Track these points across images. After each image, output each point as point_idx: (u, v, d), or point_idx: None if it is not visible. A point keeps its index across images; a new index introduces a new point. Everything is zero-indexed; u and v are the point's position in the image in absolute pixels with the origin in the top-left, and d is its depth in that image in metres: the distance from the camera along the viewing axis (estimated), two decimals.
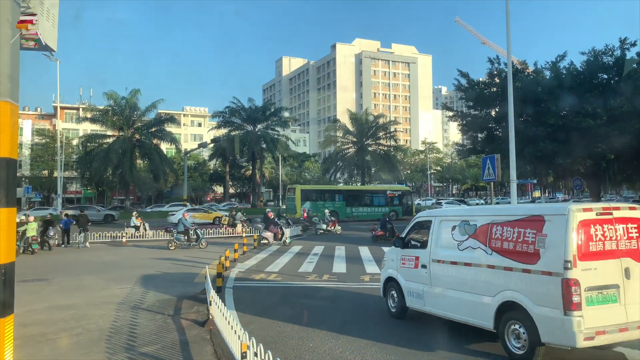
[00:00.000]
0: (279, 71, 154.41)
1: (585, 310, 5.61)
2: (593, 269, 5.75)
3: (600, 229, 5.93)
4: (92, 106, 57.64)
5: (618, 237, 6.00)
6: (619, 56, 23.53)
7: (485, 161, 16.47)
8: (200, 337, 7.41)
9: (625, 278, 5.88)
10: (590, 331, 5.55)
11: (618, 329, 5.71)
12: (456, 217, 7.68)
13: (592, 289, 5.71)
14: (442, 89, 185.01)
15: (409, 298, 8.11)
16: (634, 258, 6.01)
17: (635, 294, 5.90)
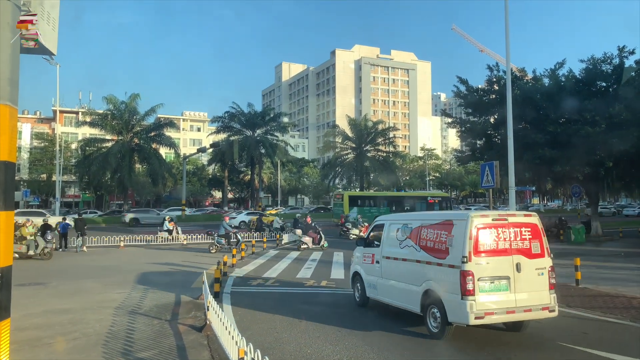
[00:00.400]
0: (279, 76, 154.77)
1: (477, 295, 7.03)
2: (486, 263, 7.21)
3: (495, 231, 7.40)
4: (92, 110, 57.60)
5: (511, 239, 7.45)
6: (617, 64, 23.62)
7: (484, 168, 16.49)
8: (197, 343, 7.37)
9: (517, 271, 7.32)
10: (481, 312, 6.98)
11: (506, 311, 7.15)
12: (400, 221, 9.18)
13: (484, 279, 7.15)
14: (441, 96, 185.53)
15: (368, 289, 9.68)
16: (525, 255, 7.45)
17: (524, 284, 7.31)
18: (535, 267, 7.51)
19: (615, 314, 9.24)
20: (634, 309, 9.45)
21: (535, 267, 7.50)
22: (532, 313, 7.35)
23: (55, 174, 54.35)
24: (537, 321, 8.38)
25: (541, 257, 7.58)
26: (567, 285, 11.88)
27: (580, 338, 7.61)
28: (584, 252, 18.95)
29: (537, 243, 7.63)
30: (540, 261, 7.57)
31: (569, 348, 7.06)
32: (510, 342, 7.39)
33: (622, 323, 8.66)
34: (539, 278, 7.49)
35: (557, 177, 27.15)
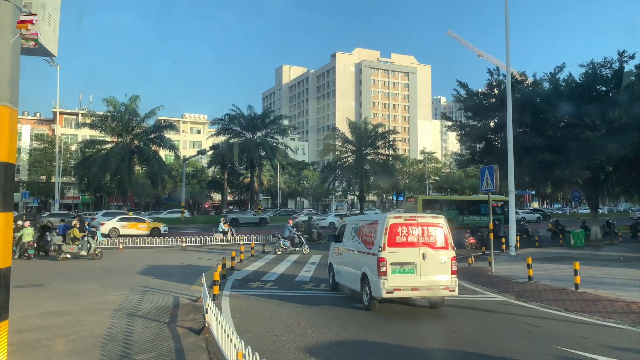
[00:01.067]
0: (279, 79, 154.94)
1: (389, 276, 9.35)
2: (397, 252, 9.50)
3: (406, 228, 9.67)
4: (92, 112, 57.61)
5: (419, 234, 9.70)
6: (617, 68, 23.65)
7: (484, 172, 16.46)
8: (196, 345, 7.36)
9: (422, 259, 9.54)
10: (391, 288, 9.30)
11: (411, 288, 9.43)
12: (354, 221, 11.87)
13: (395, 264, 9.43)
14: (441, 99, 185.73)
15: (336, 276, 12.09)
16: (430, 247, 9.67)
17: (429, 269, 9.52)
18: (439, 257, 9.68)
19: (614, 319, 9.23)
20: (634, 314, 9.43)
21: (438, 257, 9.68)
22: (434, 291, 9.57)
23: (54, 175, 54.35)
24: (536, 326, 8.64)
25: (445, 249, 9.76)
26: (566, 289, 11.88)
27: (580, 342, 7.60)
28: (583, 257, 18.94)
29: (442, 238, 9.83)
30: (444, 252, 9.74)
31: (569, 352, 7.05)
32: (509, 349, 7.38)
33: (622, 327, 8.65)
34: (442, 265, 9.63)
35: (556, 181, 27.13)
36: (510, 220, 21.38)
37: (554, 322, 9.16)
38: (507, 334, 8.14)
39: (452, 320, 9.28)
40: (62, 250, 19.20)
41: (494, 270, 15.39)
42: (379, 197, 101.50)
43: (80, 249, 19.26)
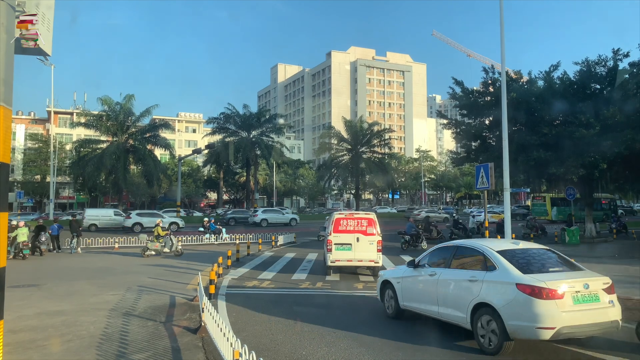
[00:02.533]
0: (274, 78, 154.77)
1: (333, 252, 14.32)
2: (339, 236, 14.38)
3: (346, 221, 14.54)
4: (86, 111, 57.31)
5: (355, 225, 14.52)
6: (611, 66, 23.73)
7: (479, 170, 16.54)
8: (192, 345, 7.35)
9: (356, 242, 14.37)
10: (334, 260, 14.31)
11: (347, 260, 14.27)
12: (330, 217, 15.79)
13: (337, 244, 14.35)
14: (436, 97, 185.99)
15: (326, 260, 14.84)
16: (362, 234, 14.42)
17: (361, 248, 14.30)
18: (368, 240, 14.34)
19: None
20: (628, 310, 9.48)
21: (368, 240, 14.34)
22: (363, 262, 14.45)
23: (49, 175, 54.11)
24: None
25: (373, 235, 14.39)
26: None
27: (575, 339, 7.63)
28: (578, 254, 19.02)
29: (372, 228, 14.53)
30: (372, 237, 14.39)
31: (563, 349, 7.10)
32: None
33: None
34: (370, 245, 14.31)
35: (551, 179, 27.22)
36: (505, 218, 21.40)
37: None
38: None
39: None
40: (147, 247, 20.25)
41: None
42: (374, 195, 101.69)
43: (163, 247, 20.24)
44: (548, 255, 7.68)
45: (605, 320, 6.73)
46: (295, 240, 27.37)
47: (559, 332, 6.40)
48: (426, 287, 8.40)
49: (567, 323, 6.43)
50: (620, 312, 6.98)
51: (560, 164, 22.56)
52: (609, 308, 6.79)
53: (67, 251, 22.31)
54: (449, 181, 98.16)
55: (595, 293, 6.78)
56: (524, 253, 7.62)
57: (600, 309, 6.71)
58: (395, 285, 9.15)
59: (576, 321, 6.49)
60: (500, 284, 6.97)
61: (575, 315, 6.50)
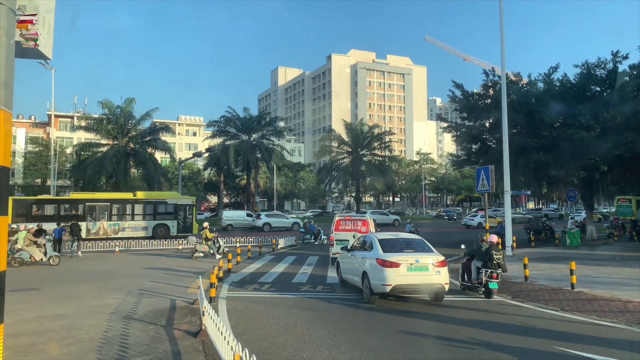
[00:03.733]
0: (275, 81, 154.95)
1: (335, 246, 17.83)
2: (339, 234, 18.07)
3: (345, 222, 18.38)
4: (87, 114, 57.34)
5: (352, 225, 18.18)
6: (611, 69, 23.74)
7: (480, 172, 16.54)
8: (192, 348, 7.34)
9: (353, 238, 16.67)
10: (334, 253, 17.26)
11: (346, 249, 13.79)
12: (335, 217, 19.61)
13: (337, 240, 17.91)
14: (436, 100, 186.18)
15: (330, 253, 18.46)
16: (358, 232, 17.45)
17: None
18: None
19: (610, 318, 9.27)
20: (629, 313, 9.47)
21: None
22: None
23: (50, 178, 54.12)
24: (532, 325, 8.77)
25: (367, 233, 16.05)
26: (562, 289, 11.91)
27: (576, 341, 7.63)
28: (579, 256, 19.00)
29: (365, 227, 17.86)
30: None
31: (564, 352, 7.08)
32: (505, 349, 7.39)
33: (618, 327, 8.68)
34: None
35: (552, 181, 27.21)
36: (506, 220, 21.43)
37: (551, 321, 9.18)
38: (503, 334, 8.15)
39: (448, 320, 9.29)
40: (196, 249, 20.65)
41: None
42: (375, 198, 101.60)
43: (211, 249, 20.63)
44: (415, 243, 11.55)
45: (429, 283, 10.46)
46: (297, 243, 27.36)
47: (394, 287, 10.22)
48: (350, 264, 12.63)
49: (400, 282, 10.23)
50: (445, 279, 10.55)
51: (561, 167, 22.54)
52: (434, 275, 10.43)
53: (68, 255, 22.29)
54: (450, 184, 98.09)
55: (426, 265, 10.42)
56: (395, 241, 11.60)
57: (426, 275, 10.39)
58: (339, 264, 13.81)
59: (407, 281, 10.29)
60: (371, 258, 10.93)
61: (407, 278, 10.28)
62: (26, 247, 18.45)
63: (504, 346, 7.41)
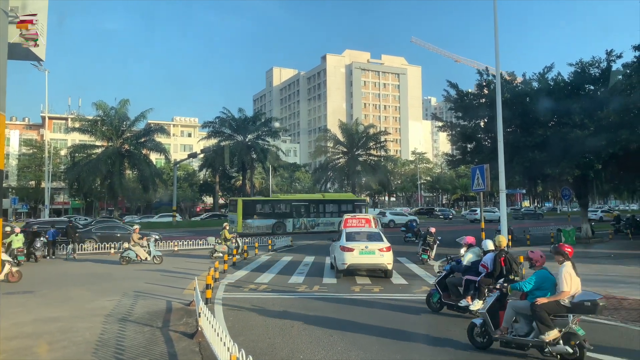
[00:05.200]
0: (270, 81, 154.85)
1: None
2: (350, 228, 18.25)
3: (353, 220, 20.59)
4: (81, 116, 57.19)
5: (357, 222, 20.32)
6: (605, 67, 23.87)
7: (475, 171, 16.56)
8: (189, 350, 7.32)
9: None
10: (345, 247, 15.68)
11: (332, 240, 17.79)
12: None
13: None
14: (431, 100, 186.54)
15: None
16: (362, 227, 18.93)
17: None
18: None
19: (605, 316, 9.30)
20: (625, 310, 9.52)
21: None
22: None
23: (44, 180, 53.85)
24: None
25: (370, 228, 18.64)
26: None
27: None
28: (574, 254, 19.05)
29: (367, 224, 19.98)
30: None
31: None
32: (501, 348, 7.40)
33: (613, 324, 8.72)
34: None
35: (547, 180, 27.33)
36: (501, 219, 21.48)
37: None
38: None
39: (445, 321, 9.30)
40: (215, 250, 20.60)
41: None
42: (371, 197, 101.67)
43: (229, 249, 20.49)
44: (372, 235, 15.53)
45: (375, 262, 14.39)
46: (292, 244, 27.33)
47: (349, 265, 14.29)
48: (332, 251, 16.55)
49: (353, 262, 14.30)
50: (388, 260, 14.35)
51: (556, 165, 22.64)
52: (379, 257, 14.28)
53: (63, 257, 22.19)
54: (445, 183, 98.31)
55: (373, 250, 14.37)
56: (357, 233, 15.78)
57: (373, 257, 14.32)
58: (330, 251, 17.19)
59: (358, 261, 14.32)
60: (337, 245, 15.14)
61: (358, 259, 14.31)
62: (132, 246, 19.18)
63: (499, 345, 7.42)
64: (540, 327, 6.47)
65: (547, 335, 6.41)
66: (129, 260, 19.05)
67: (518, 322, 6.88)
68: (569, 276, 6.62)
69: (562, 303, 6.49)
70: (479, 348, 7.26)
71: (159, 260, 19.19)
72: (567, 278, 6.58)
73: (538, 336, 6.52)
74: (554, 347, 6.48)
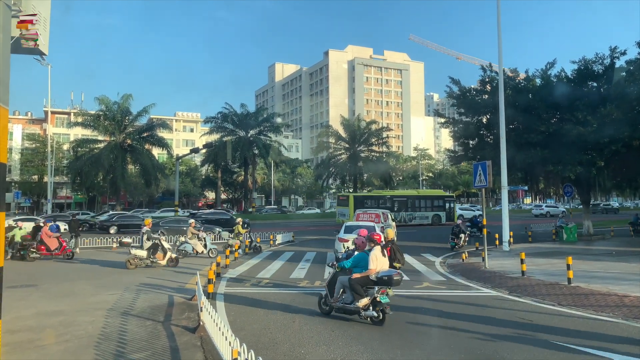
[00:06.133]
0: (272, 77, 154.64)
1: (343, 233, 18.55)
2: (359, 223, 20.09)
3: (363, 214, 24.92)
4: (84, 111, 57.24)
5: (368, 216, 23.96)
6: (608, 64, 23.78)
7: (477, 168, 16.53)
8: (191, 344, 7.35)
9: None
10: None
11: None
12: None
13: None
14: (434, 96, 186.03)
15: None
16: (372, 222, 21.19)
17: None
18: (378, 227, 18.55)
19: (607, 312, 9.31)
20: (626, 307, 9.52)
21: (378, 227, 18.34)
22: None
23: (46, 175, 53.99)
24: (529, 320, 8.86)
25: (377, 223, 21.04)
26: (559, 283, 11.96)
27: (573, 336, 7.67)
28: (576, 251, 19.09)
29: (377, 218, 23.08)
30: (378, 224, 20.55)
31: (561, 346, 7.12)
32: (502, 344, 7.43)
33: (614, 321, 8.73)
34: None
35: (549, 177, 27.30)
36: (503, 216, 21.49)
37: (547, 316, 9.23)
38: (500, 329, 8.19)
39: (446, 315, 9.32)
40: (229, 245, 20.60)
41: (487, 266, 15.47)
42: None
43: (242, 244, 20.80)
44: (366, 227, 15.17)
45: None
46: (294, 239, 27.37)
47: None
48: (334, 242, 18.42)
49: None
50: None
51: (558, 162, 22.60)
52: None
53: None
54: (447, 179, 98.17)
55: None
56: (355, 227, 17.59)
57: None
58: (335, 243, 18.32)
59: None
60: (337, 237, 17.93)
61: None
62: (189, 240, 19.67)
63: (501, 341, 7.45)
64: (355, 296, 8.42)
65: (360, 302, 8.33)
66: (186, 254, 19.40)
67: (345, 292, 8.74)
68: (375, 257, 8.54)
69: (370, 278, 8.44)
70: (324, 314, 9.07)
71: (215, 254, 19.21)
72: (373, 259, 8.52)
73: (355, 304, 8.41)
74: (366, 312, 8.33)
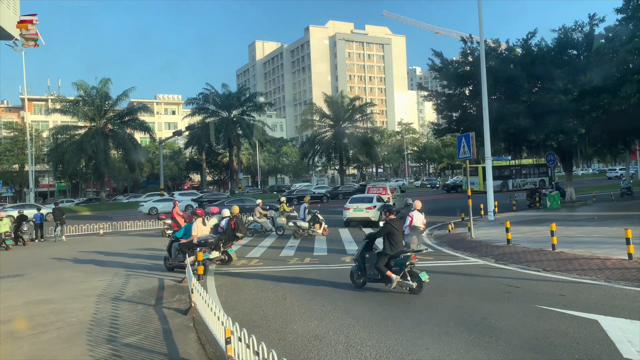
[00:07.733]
0: (253, 56, 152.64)
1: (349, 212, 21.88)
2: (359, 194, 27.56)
3: (373, 188, 27.03)
4: (62, 97, 56.14)
5: (377, 190, 25.88)
6: (588, 32, 23.84)
7: (461, 140, 16.61)
8: (183, 325, 7.39)
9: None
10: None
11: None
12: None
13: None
14: (416, 70, 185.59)
15: None
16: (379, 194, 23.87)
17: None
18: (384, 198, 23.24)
19: (590, 276, 9.55)
20: (608, 270, 9.77)
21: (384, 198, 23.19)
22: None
23: (27, 164, 53.07)
24: (516, 287, 9.07)
25: (384, 194, 24.61)
26: (544, 250, 12.20)
27: (557, 300, 7.88)
28: (560, 218, 19.45)
29: (384, 191, 25.49)
30: (385, 196, 24.24)
31: (547, 310, 7.30)
32: (490, 310, 7.59)
33: (597, 284, 8.96)
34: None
35: (532, 146, 27.52)
36: (487, 186, 21.75)
37: (533, 282, 9.44)
38: (488, 296, 8.37)
39: (434, 285, 9.47)
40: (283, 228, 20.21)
41: (473, 236, 15.70)
42: (359, 170, 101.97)
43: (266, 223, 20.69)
44: (366, 198, 22.08)
45: (363, 216, 20.84)
46: None
47: (348, 219, 21.27)
48: None
49: (350, 216, 21.21)
50: (372, 215, 20.54)
51: (540, 131, 22.79)
52: (365, 213, 20.82)
53: (52, 240, 22.08)
54: (432, 153, 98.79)
55: (361, 209, 21.03)
56: (359, 197, 22.82)
57: (361, 213, 20.95)
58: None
59: (353, 216, 21.13)
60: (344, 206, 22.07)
61: (353, 214, 21.18)
62: (258, 219, 20.40)
63: (490, 308, 7.62)
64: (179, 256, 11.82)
65: (187, 259, 10.25)
66: (255, 233, 20.07)
67: (179, 253, 11.77)
68: (196, 227, 11.80)
69: (194, 242, 11.58)
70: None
71: (281, 232, 19.91)
72: (195, 229, 11.77)
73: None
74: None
